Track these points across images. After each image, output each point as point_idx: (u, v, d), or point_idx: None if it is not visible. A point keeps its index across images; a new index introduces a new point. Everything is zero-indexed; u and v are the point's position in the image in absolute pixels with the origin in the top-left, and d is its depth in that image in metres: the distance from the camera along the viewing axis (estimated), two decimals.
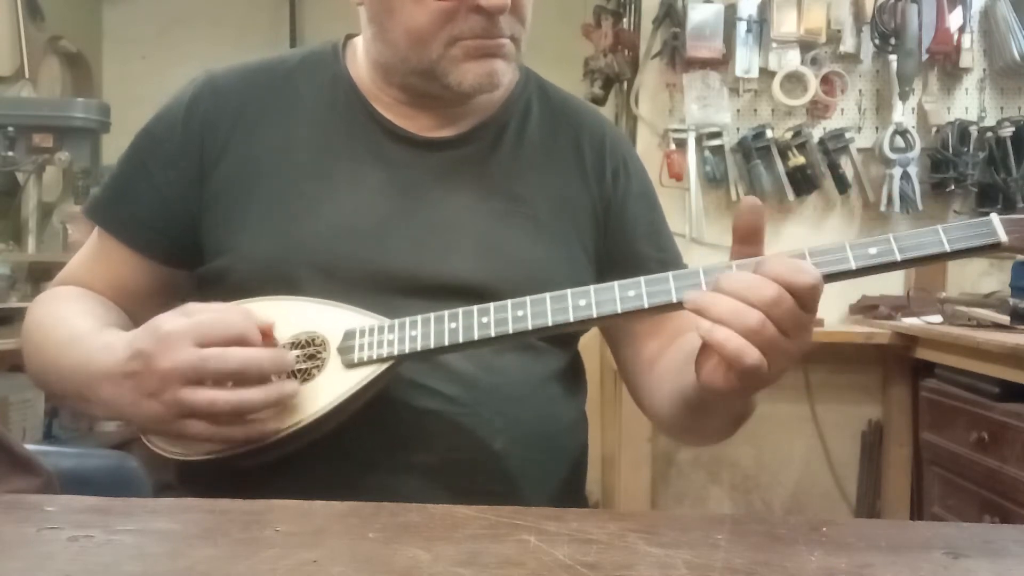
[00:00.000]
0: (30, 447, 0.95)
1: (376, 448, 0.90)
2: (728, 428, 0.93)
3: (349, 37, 1.08)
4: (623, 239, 1.06)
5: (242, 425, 0.82)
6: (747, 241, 0.78)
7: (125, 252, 1.02)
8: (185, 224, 1.00)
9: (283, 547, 0.58)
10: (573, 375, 1.05)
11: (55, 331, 0.95)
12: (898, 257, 0.76)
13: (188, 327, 0.81)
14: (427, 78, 0.97)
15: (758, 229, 0.78)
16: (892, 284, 2.80)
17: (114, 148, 1.09)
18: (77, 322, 0.94)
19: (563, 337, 1.01)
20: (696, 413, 0.89)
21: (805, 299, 0.73)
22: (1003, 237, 0.75)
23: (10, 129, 2.73)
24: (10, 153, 2.73)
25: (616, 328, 1.06)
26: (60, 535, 0.60)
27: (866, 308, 2.77)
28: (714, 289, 0.75)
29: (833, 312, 2.84)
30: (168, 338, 0.81)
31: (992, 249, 0.76)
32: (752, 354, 0.72)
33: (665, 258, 1.06)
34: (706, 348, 0.77)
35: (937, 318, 2.49)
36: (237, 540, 0.60)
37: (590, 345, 1.07)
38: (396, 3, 0.94)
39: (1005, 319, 2.22)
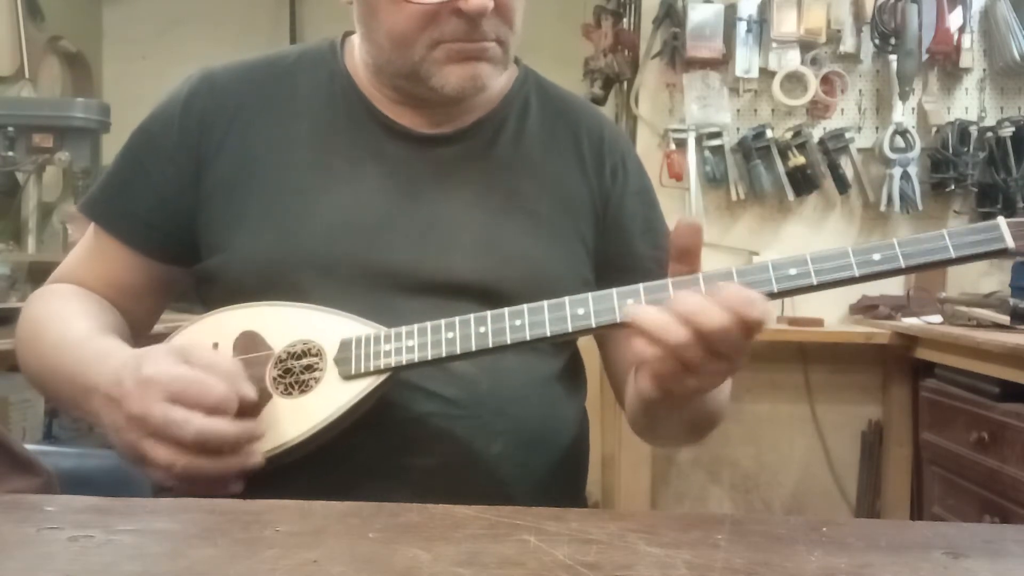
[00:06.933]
0: (30, 447, 0.95)
1: (375, 452, 0.90)
2: (686, 435, 0.95)
3: (348, 34, 1.07)
4: (620, 236, 1.05)
5: (205, 484, 0.80)
6: (682, 260, 0.78)
7: (121, 249, 1.02)
8: (182, 221, 0.99)
9: (283, 547, 0.58)
10: (573, 374, 1.05)
11: (51, 331, 0.95)
12: (902, 264, 0.75)
13: (166, 379, 0.79)
14: (412, 80, 0.96)
15: (694, 250, 0.78)
16: (892, 284, 2.80)
17: (114, 148, 1.08)
18: (74, 323, 0.94)
19: None
20: (647, 417, 0.91)
21: (751, 331, 0.73)
22: (1010, 243, 0.73)
23: (10, 129, 2.73)
24: (10, 153, 2.73)
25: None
26: (60, 535, 0.60)
27: (866, 308, 2.77)
28: (663, 307, 0.74)
29: (833, 312, 2.84)
30: (143, 383, 0.79)
31: (999, 255, 0.74)
32: (667, 368, 0.74)
33: (661, 256, 1.04)
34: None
35: (937, 318, 2.49)
36: (237, 540, 0.60)
37: (590, 345, 1.07)
38: (378, 5, 0.93)
39: (1005, 319, 2.22)
